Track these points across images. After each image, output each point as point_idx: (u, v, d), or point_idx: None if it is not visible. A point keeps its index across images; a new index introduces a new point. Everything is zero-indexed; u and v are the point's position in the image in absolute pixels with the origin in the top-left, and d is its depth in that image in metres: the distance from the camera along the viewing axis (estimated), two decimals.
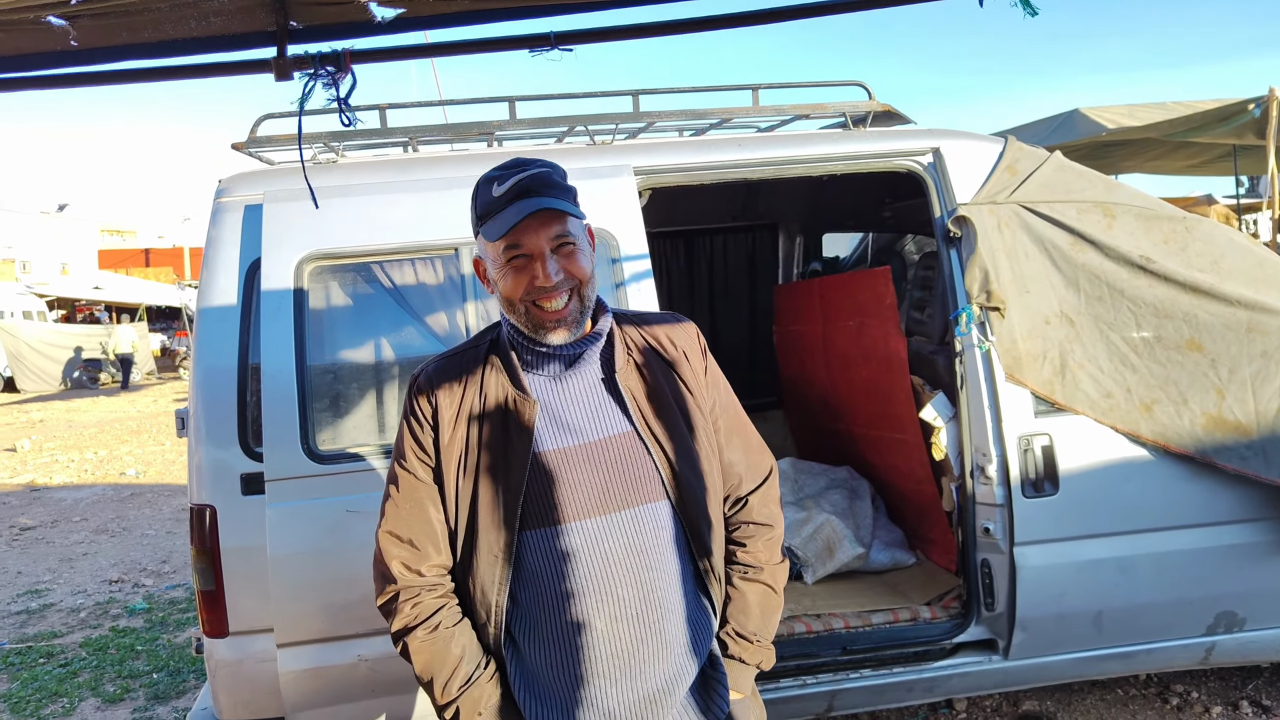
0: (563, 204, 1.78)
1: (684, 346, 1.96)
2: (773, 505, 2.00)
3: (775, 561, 1.98)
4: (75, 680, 5.07)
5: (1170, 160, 11.03)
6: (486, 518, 1.82)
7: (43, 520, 9.04)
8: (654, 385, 1.89)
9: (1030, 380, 3.31)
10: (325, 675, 2.97)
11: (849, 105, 3.60)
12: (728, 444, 1.96)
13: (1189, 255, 3.42)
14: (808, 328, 4.82)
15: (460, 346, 1.99)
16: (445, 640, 1.81)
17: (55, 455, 12.96)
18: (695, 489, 1.85)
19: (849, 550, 4.02)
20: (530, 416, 1.82)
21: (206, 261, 3.13)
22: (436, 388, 1.89)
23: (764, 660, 1.96)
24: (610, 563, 1.79)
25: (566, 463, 1.82)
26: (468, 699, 1.80)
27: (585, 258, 1.83)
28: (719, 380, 2.01)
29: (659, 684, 1.82)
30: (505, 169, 1.83)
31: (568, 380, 1.87)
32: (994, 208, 3.40)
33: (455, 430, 1.86)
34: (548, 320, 1.80)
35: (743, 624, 1.93)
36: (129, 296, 31.11)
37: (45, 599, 6.58)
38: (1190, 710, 3.92)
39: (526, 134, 3.71)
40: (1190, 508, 3.37)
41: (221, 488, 2.99)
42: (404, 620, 1.83)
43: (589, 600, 1.78)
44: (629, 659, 1.80)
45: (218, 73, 1.76)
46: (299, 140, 1.93)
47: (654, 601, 1.81)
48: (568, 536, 1.80)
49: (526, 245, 1.78)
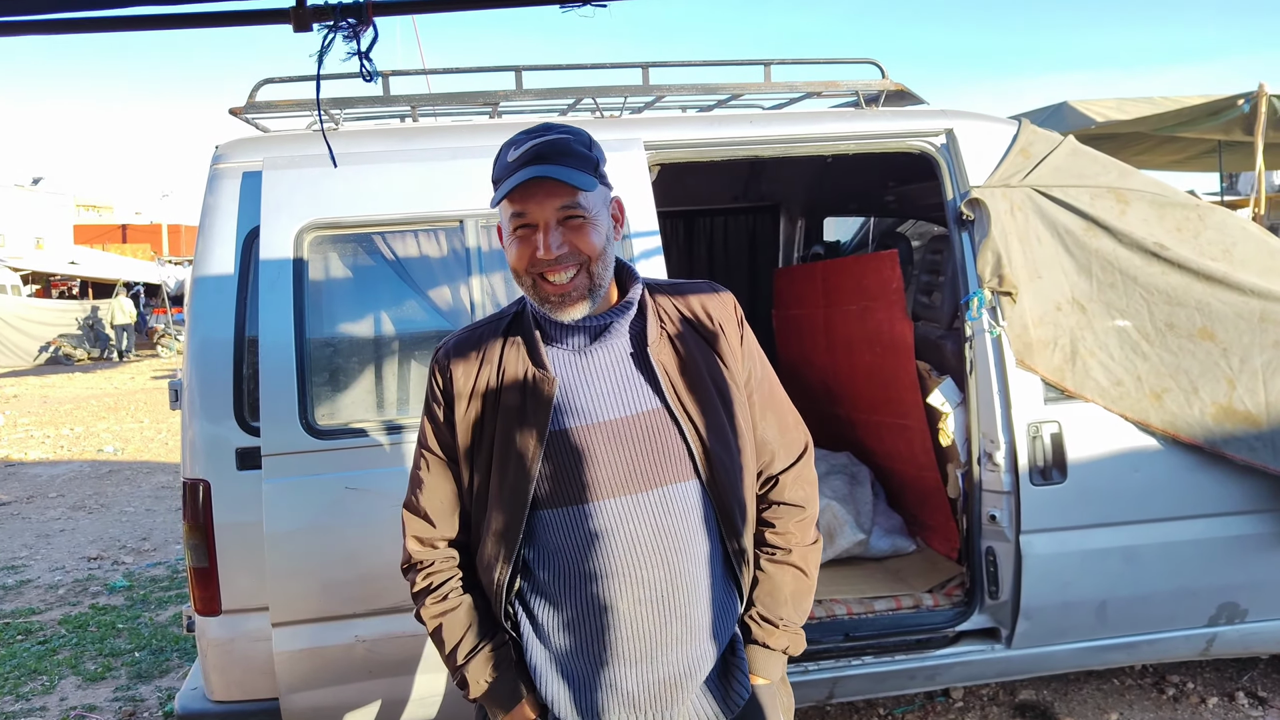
0: (571, 173, 1.68)
1: (720, 317, 1.88)
2: (807, 486, 1.93)
3: (807, 543, 1.91)
4: (55, 658, 4.97)
5: (1156, 155, 11.06)
6: (496, 497, 1.77)
7: (18, 495, 8.88)
8: (688, 359, 1.81)
9: (1041, 366, 3.27)
10: (322, 655, 2.90)
11: (861, 84, 3.54)
12: (762, 419, 1.89)
13: (1202, 243, 3.39)
14: (808, 311, 4.76)
15: (485, 319, 1.93)
16: (452, 609, 1.81)
17: (30, 431, 12.75)
18: (727, 468, 1.79)
19: (850, 536, 3.98)
20: (548, 393, 1.75)
21: (202, 230, 3.03)
22: (453, 362, 1.83)
23: (792, 645, 1.90)
24: (636, 544, 1.73)
25: (589, 440, 1.75)
26: (472, 668, 1.80)
27: (596, 232, 1.73)
28: (755, 352, 1.93)
29: (681, 668, 1.76)
30: (528, 133, 1.75)
31: (593, 354, 1.80)
32: (1007, 191, 3.35)
33: (470, 406, 1.80)
34: (551, 295, 1.73)
35: (770, 608, 1.87)
36: (106, 272, 30.68)
37: (22, 575, 6.45)
38: (1186, 701, 3.92)
39: (533, 105, 3.62)
40: (1198, 498, 3.35)
41: (216, 462, 2.91)
42: (417, 588, 1.85)
43: (613, 582, 1.72)
44: (651, 642, 1.74)
45: (235, 21, 1.67)
46: (317, 97, 1.84)
47: (681, 585, 1.75)
48: (591, 516, 1.73)
49: (531, 214, 1.70)
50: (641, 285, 1.86)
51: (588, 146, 1.76)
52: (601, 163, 1.78)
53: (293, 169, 2.97)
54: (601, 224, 1.75)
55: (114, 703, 4.43)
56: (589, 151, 1.75)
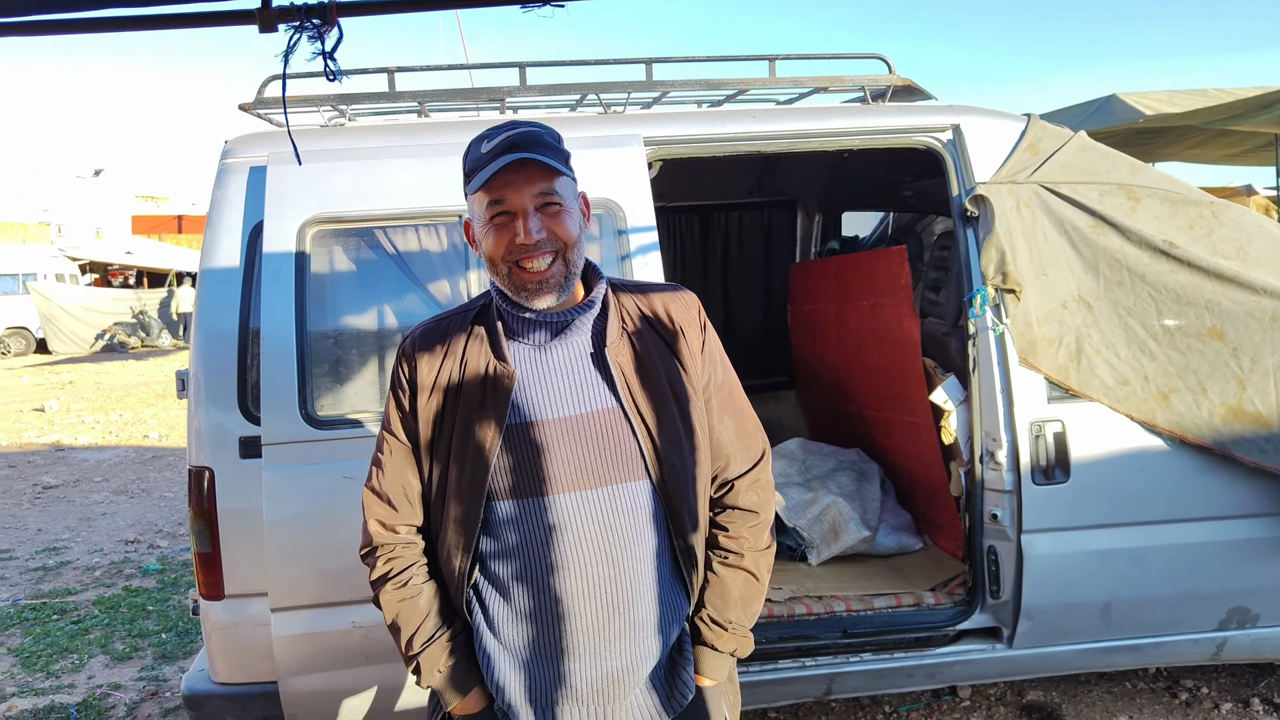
0: (547, 158, 1.73)
1: (681, 319, 1.89)
2: (762, 491, 1.93)
3: (759, 548, 1.90)
4: (86, 637, 5.13)
5: (1209, 149, 10.79)
6: (454, 486, 1.80)
7: (65, 479, 9.15)
8: (646, 360, 1.83)
9: (1044, 365, 3.23)
10: (319, 641, 2.96)
11: (868, 79, 3.51)
12: (719, 423, 1.90)
13: (1214, 241, 3.32)
14: (822, 307, 4.75)
15: (449, 311, 1.96)
16: (412, 597, 1.84)
17: (82, 416, 13.12)
18: (679, 470, 1.80)
19: (855, 533, 3.97)
20: (508, 387, 1.78)
21: (210, 223, 3.11)
22: (418, 352, 1.87)
23: (739, 648, 1.90)
24: (584, 539, 1.76)
25: (543, 435, 1.78)
26: (428, 656, 1.83)
27: (572, 220, 1.77)
28: (716, 356, 1.93)
29: (624, 664, 1.79)
30: (497, 128, 1.79)
31: (553, 350, 1.82)
32: (1014, 187, 3.31)
33: (433, 396, 1.84)
34: (529, 282, 1.75)
35: (720, 610, 1.87)
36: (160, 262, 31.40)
37: (62, 556, 6.67)
38: (1199, 706, 3.85)
39: (537, 101, 3.65)
40: (1205, 500, 3.29)
41: (220, 451, 2.98)
42: (377, 573, 1.88)
43: (559, 575, 1.76)
44: (594, 637, 1.77)
45: (201, 23, 1.72)
46: (283, 96, 1.89)
47: (625, 582, 1.77)
48: (544, 510, 1.77)
49: (509, 201, 1.74)
50: (605, 284, 1.88)
51: (557, 140, 1.81)
52: (569, 156, 1.83)
53: (296, 164, 3.02)
54: (575, 212, 1.80)
55: (138, 682, 4.57)
56: (558, 144, 1.80)
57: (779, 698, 3.42)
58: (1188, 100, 9.61)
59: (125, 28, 1.71)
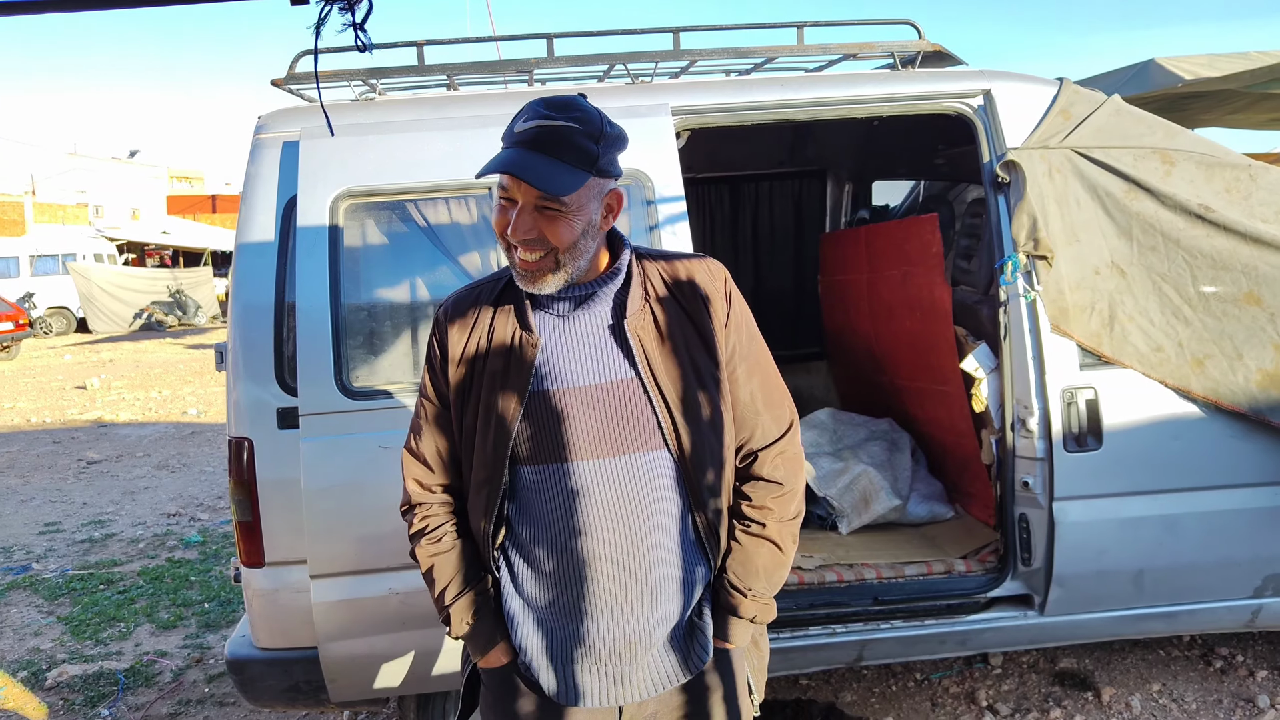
0: (548, 177, 1.67)
1: (706, 288, 1.89)
2: (788, 462, 1.92)
3: (784, 518, 1.90)
4: (132, 606, 5.27)
5: (1252, 114, 10.51)
6: (479, 450, 1.85)
7: (108, 455, 9.35)
8: (667, 330, 1.84)
9: (1077, 332, 3.21)
10: (357, 607, 3.02)
11: (898, 45, 3.48)
12: (744, 393, 1.90)
13: (1252, 204, 3.27)
14: (853, 277, 4.73)
15: (481, 279, 2.00)
16: (445, 552, 1.92)
17: (122, 394, 13.37)
18: (698, 441, 1.82)
19: (885, 502, 3.97)
20: (531, 355, 1.81)
21: (245, 198, 3.15)
22: (450, 320, 1.91)
23: (760, 615, 1.92)
24: (603, 506, 1.79)
25: (566, 403, 1.81)
26: (457, 608, 1.90)
27: (570, 226, 1.72)
28: (742, 326, 1.91)
29: (641, 627, 1.83)
30: (547, 106, 1.73)
31: (575, 320, 1.84)
32: (1045, 153, 3.28)
33: (462, 362, 1.88)
34: (519, 267, 1.78)
35: (742, 578, 1.89)
36: (195, 241, 31.80)
37: (107, 529, 6.83)
38: (1234, 674, 3.84)
39: (566, 73, 3.65)
40: (1240, 467, 3.26)
41: (258, 422, 3.04)
42: (414, 529, 1.95)
43: (579, 540, 1.80)
44: (613, 600, 1.81)
45: None
46: (315, 70, 1.91)
47: (642, 548, 1.80)
48: (564, 477, 1.80)
49: (512, 192, 1.74)
50: (630, 253, 1.89)
51: (595, 139, 1.72)
52: (607, 154, 1.75)
53: (329, 139, 3.05)
54: (580, 217, 1.73)
55: (183, 649, 4.69)
56: (594, 145, 1.72)
57: (810, 664, 3.45)
58: (1229, 64, 9.37)
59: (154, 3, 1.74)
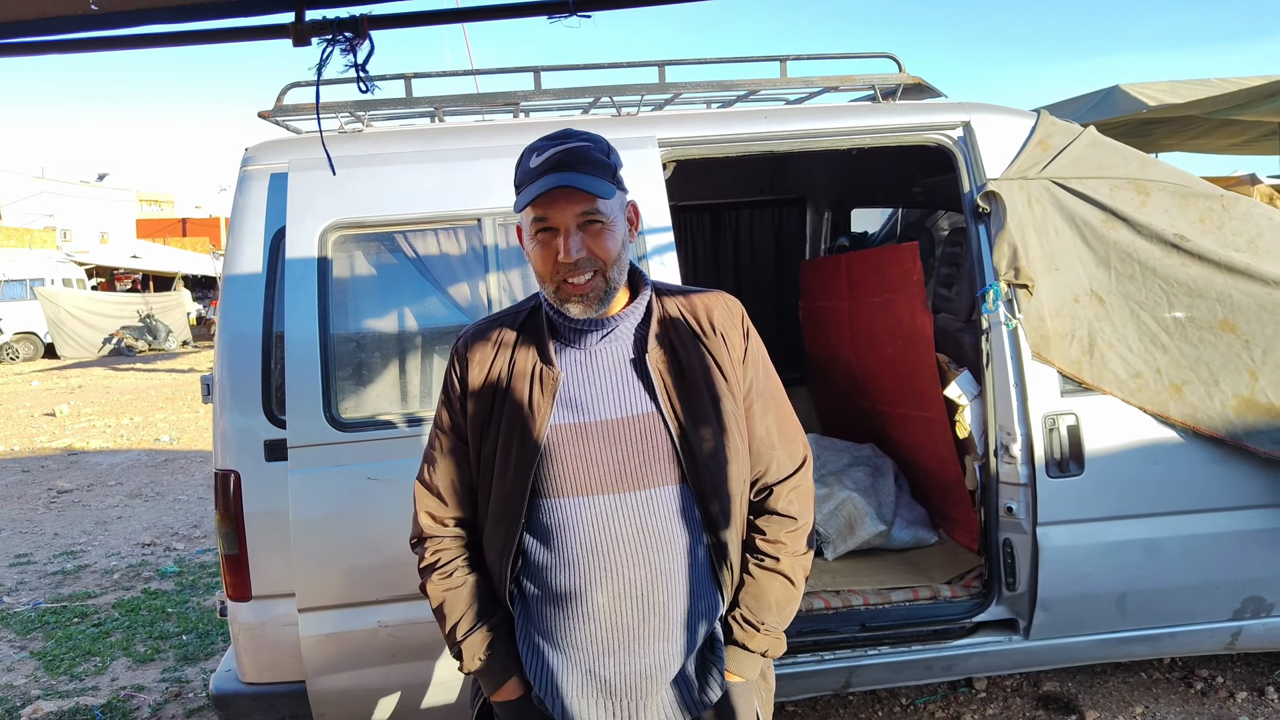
0: (593, 182, 1.76)
1: (724, 325, 1.92)
2: (801, 498, 1.95)
3: (797, 553, 1.93)
4: (108, 640, 5.19)
5: (1213, 139, 10.80)
6: (500, 484, 1.86)
7: (79, 484, 9.22)
8: (685, 365, 1.86)
9: (1057, 359, 3.26)
10: (346, 640, 3.01)
11: (878, 78, 3.54)
12: (760, 428, 1.93)
13: (1225, 234, 3.35)
14: (834, 303, 4.78)
15: (503, 311, 2.02)
16: (456, 587, 1.91)
17: (93, 420, 13.20)
18: (715, 476, 1.84)
19: (870, 527, 4.00)
20: (552, 389, 1.83)
21: (232, 230, 3.15)
22: (470, 351, 1.93)
23: (771, 649, 1.94)
24: (620, 541, 1.80)
25: (584, 438, 1.82)
26: (469, 644, 1.89)
27: (613, 238, 1.80)
28: (759, 362, 1.96)
29: (657, 661, 1.84)
30: (549, 140, 1.81)
31: (597, 355, 1.87)
32: (1025, 183, 3.34)
33: (482, 395, 1.89)
34: (572, 294, 1.80)
35: (754, 611, 1.91)
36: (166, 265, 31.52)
37: (80, 560, 6.72)
38: (1215, 695, 3.88)
39: (552, 104, 3.69)
40: (1219, 491, 3.32)
41: (246, 453, 3.03)
42: (425, 563, 1.94)
43: (597, 574, 1.80)
44: (629, 635, 1.82)
45: (236, 38, 1.76)
46: (317, 108, 1.93)
47: (661, 583, 1.82)
48: (579, 511, 1.81)
49: (553, 219, 1.77)
50: (650, 289, 1.92)
51: (606, 154, 1.83)
52: (618, 168, 1.85)
53: (317, 170, 3.06)
54: (618, 229, 1.82)
55: (161, 683, 4.62)
56: (607, 158, 1.82)
57: (798, 691, 3.46)
58: (1191, 90, 9.62)
59: (161, 44, 1.75)
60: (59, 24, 1.69)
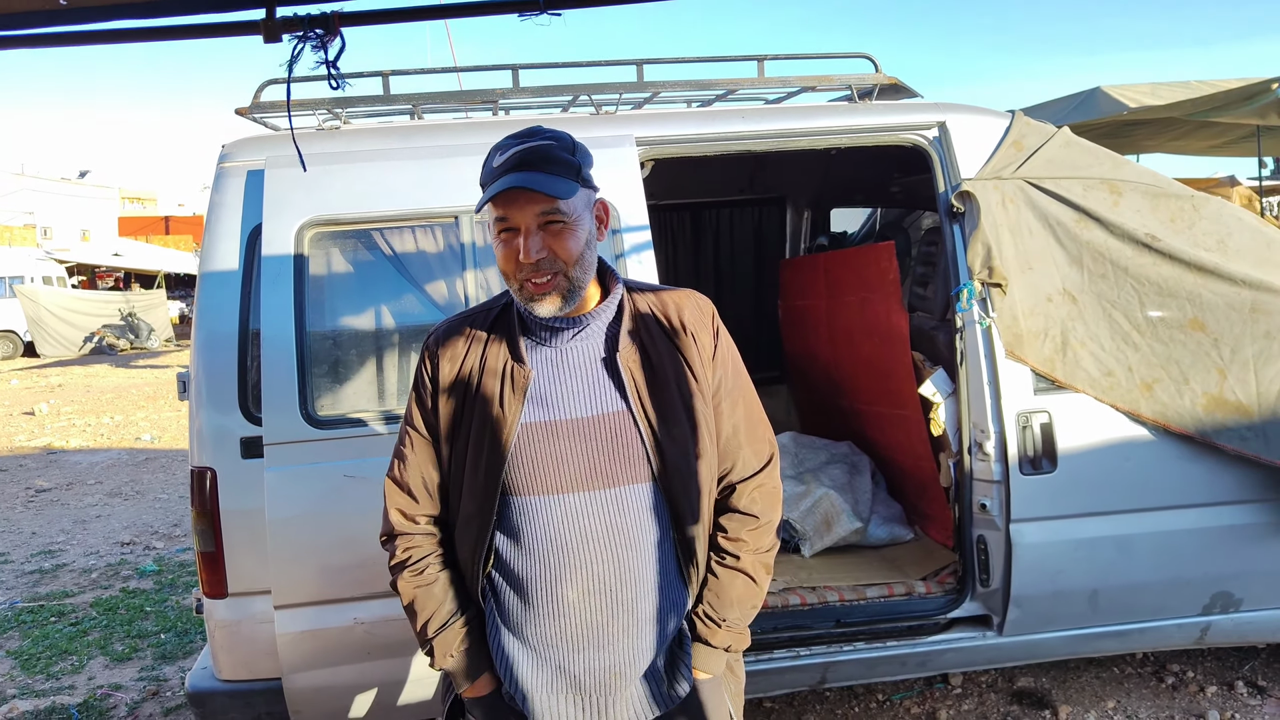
0: (552, 182, 1.74)
1: (693, 323, 1.93)
2: (766, 496, 1.96)
3: (760, 550, 1.94)
4: (85, 639, 5.16)
5: (1192, 140, 10.89)
6: (471, 481, 1.86)
7: (58, 483, 9.16)
8: (656, 364, 1.87)
9: (1031, 357, 3.29)
10: (322, 637, 3.01)
11: (855, 78, 3.57)
12: (727, 426, 1.94)
13: (1195, 234, 3.39)
14: (812, 302, 4.81)
15: (474, 308, 2.01)
16: (428, 584, 1.91)
17: (72, 419, 13.11)
18: (684, 473, 1.85)
19: (847, 524, 4.03)
20: (522, 387, 1.84)
21: (209, 226, 3.15)
22: (441, 348, 1.93)
23: (734, 644, 1.95)
24: (589, 539, 1.81)
25: (554, 436, 1.83)
26: (440, 641, 1.90)
27: (575, 237, 1.78)
28: (728, 361, 1.96)
29: (626, 657, 1.85)
30: (514, 138, 1.81)
31: (568, 353, 1.87)
32: (999, 183, 3.37)
33: (453, 392, 1.90)
34: (535, 293, 1.80)
35: (717, 608, 1.92)
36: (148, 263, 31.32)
37: (58, 559, 6.69)
38: (1185, 690, 3.93)
39: (531, 103, 3.69)
40: (1189, 487, 3.36)
41: (222, 451, 3.02)
42: (396, 559, 1.94)
43: (565, 572, 1.82)
44: (599, 632, 1.83)
45: (207, 34, 1.77)
46: (288, 104, 1.94)
47: (630, 580, 1.83)
48: (550, 509, 1.82)
49: (513, 219, 1.77)
50: (621, 287, 1.93)
51: (570, 152, 1.80)
52: (585, 167, 1.83)
53: (294, 167, 3.06)
54: (581, 228, 1.80)
55: (139, 682, 4.61)
56: (571, 157, 1.80)
57: (774, 687, 3.48)
58: (1171, 92, 9.70)
59: (130, 39, 1.75)
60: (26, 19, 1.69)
